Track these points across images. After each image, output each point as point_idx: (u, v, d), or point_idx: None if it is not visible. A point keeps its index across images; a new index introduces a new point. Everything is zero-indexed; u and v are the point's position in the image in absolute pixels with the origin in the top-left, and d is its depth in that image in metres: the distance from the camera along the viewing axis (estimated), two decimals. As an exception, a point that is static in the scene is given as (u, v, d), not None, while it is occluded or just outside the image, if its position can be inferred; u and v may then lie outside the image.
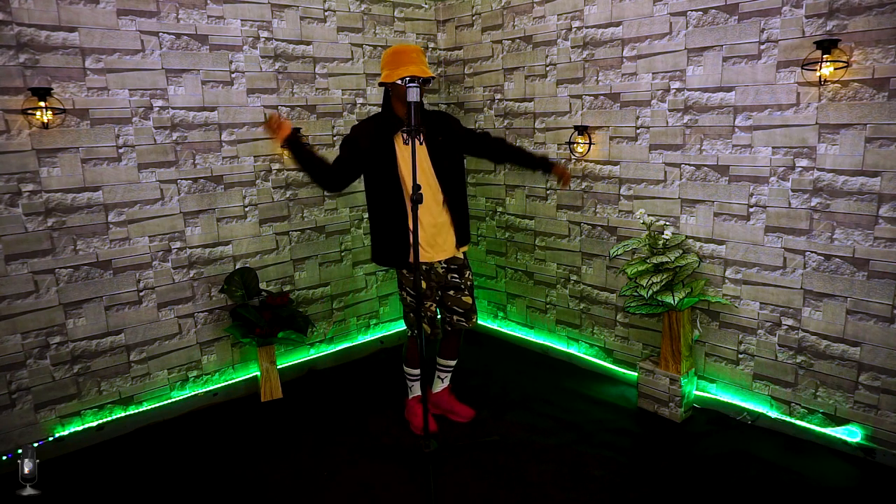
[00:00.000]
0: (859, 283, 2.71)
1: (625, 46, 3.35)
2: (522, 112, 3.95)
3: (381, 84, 2.79)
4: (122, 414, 3.27)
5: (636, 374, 3.42)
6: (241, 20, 3.42)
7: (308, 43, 3.70)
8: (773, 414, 3.07)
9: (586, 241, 3.74)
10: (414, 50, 2.76)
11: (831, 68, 2.59)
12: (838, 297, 2.78)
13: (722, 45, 2.96)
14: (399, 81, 2.67)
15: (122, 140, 3.11)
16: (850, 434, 2.83)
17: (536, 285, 4.11)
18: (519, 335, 4.29)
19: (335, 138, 3.91)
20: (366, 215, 4.14)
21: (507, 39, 3.94)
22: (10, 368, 2.92)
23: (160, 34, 3.16)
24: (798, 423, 2.99)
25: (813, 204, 2.79)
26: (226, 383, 3.63)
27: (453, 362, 3.26)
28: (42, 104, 2.79)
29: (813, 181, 2.77)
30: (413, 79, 2.63)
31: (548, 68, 3.74)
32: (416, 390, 3.18)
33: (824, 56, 2.57)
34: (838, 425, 2.87)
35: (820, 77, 2.63)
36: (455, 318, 3.09)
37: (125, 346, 3.24)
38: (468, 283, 3.07)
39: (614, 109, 3.45)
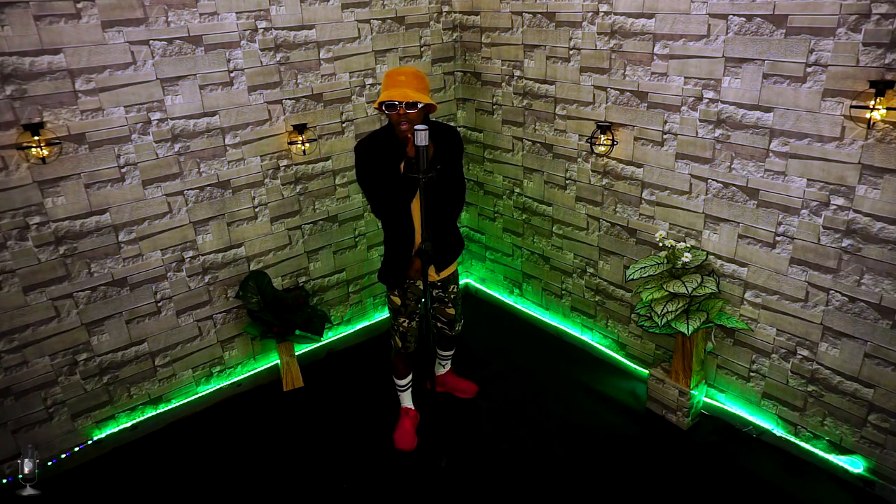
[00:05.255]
0: (882, 330, 2.62)
1: (656, 42, 3.02)
2: (543, 94, 3.67)
3: (376, 107, 2.62)
4: (153, 413, 3.47)
5: (647, 371, 3.45)
6: (236, 13, 3.14)
7: (310, 27, 3.41)
8: (779, 432, 3.12)
9: (605, 238, 3.63)
10: (403, 73, 2.54)
11: (884, 110, 2.32)
12: (858, 339, 2.70)
13: (764, 60, 2.65)
14: (383, 107, 2.53)
15: (124, 159, 3.01)
16: (853, 464, 2.88)
17: (552, 270, 4.06)
18: (534, 314, 4.32)
19: (344, 125, 3.73)
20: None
21: (528, 13, 3.57)
22: (44, 387, 3.07)
23: (150, 42, 2.94)
24: (802, 444, 3.05)
25: (844, 245, 2.63)
26: (249, 374, 3.78)
27: (450, 352, 3.48)
28: (36, 138, 2.69)
29: (847, 222, 2.59)
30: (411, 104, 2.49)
31: (571, 52, 3.42)
32: (403, 400, 3.32)
33: (878, 98, 2.29)
34: (842, 454, 2.92)
35: (869, 119, 2.37)
36: (440, 325, 3.22)
37: (149, 353, 3.37)
38: (451, 296, 3.11)
39: (641, 109, 3.19)
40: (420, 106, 2.51)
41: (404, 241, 2.80)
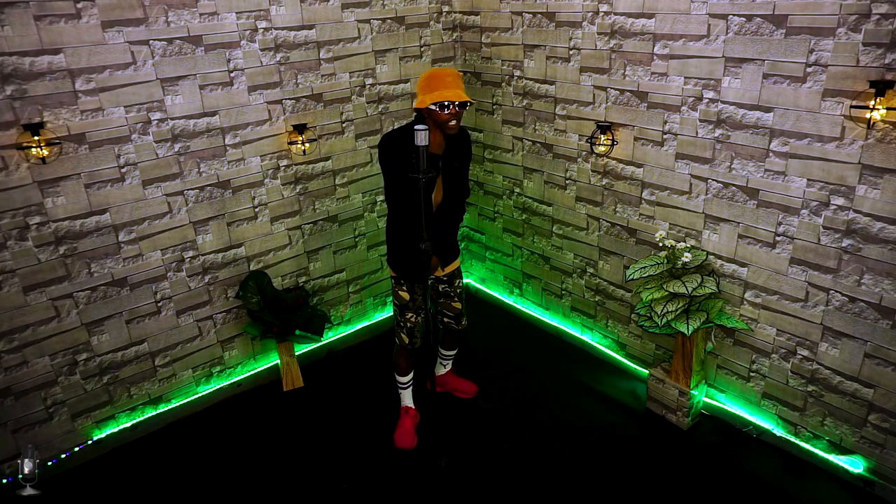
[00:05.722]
0: (882, 330, 2.62)
1: (656, 42, 3.02)
2: (543, 94, 3.67)
3: (414, 109, 2.69)
4: (153, 413, 3.47)
5: (647, 371, 3.45)
6: (236, 13, 3.14)
7: (310, 27, 3.41)
8: (779, 432, 3.12)
9: (605, 238, 3.63)
10: (450, 74, 2.64)
11: (884, 110, 2.32)
12: (858, 339, 2.70)
13: (764, 60, 2.65)
14: (433, 106, 2.57)
15: (124, 159, 3.01)
16: (853, 464, 2.88)
17: (552, 270, 4.06)
18: (534, 314, 4.31)
19: (344, 125, 3.72)
20: (379, 198, 4.04)
21: (528, 13, 3.57)
22: (43, 387, 3.07)
23: (150, 42, 2.94)
24: (802, 444, 3.04)
25: (844, 245, 2.63)
26: (249, 374, 3.78)
27: (453, 352, 3.50)
28: (36, 138, 2.69)
29: (847, 222, 2.59)
30: (437, 107, 2.56)
31: (571, 52, 3.42)
32: (404, 399, 3.33)
33: (878, 98, 2.29)
34: (842, 454, 2.92)
35: (870, 119, 2.37)
36: (446, 320, 3.23)
37: (149, 353, 3.36)
38: (457, 290, 3.15)
39: (641, 109, 3.19)
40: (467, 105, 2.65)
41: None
